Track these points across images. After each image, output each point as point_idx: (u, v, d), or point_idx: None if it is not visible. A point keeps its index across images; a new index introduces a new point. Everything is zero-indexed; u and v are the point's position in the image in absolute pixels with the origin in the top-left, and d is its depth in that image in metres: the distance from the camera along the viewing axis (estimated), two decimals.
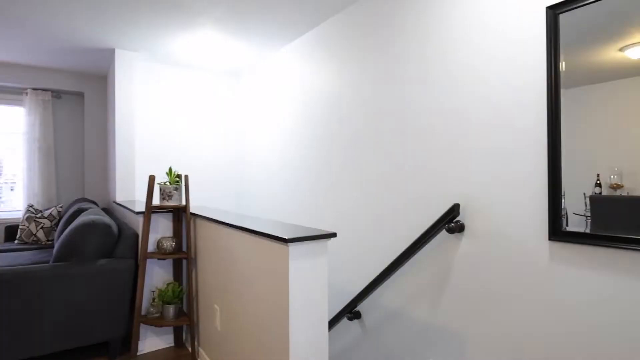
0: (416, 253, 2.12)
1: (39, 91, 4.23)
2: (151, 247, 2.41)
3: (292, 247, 1.30)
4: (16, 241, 3.77)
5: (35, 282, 2.08)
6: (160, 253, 2.33)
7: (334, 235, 1.39)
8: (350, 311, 2.60)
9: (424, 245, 2.08)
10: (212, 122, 4.34)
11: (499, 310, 1.73)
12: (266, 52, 3.63)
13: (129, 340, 2.49)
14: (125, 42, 3.36)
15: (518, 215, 1.66)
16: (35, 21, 2.90)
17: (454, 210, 1.91)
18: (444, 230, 1.99)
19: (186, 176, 2.36)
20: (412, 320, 2.18)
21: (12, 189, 4.36)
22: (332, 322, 2.67)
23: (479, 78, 1.83)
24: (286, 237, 1.28)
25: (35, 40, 3.30)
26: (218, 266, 2.01)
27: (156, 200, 3.01)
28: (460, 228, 1.93)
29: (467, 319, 1.87)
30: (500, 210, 1.74)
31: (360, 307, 2.58)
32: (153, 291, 2.43)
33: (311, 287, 1.36)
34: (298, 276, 1.32)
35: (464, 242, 1.92)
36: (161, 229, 2.44)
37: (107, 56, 3.74)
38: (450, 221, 1.93)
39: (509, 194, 1.70)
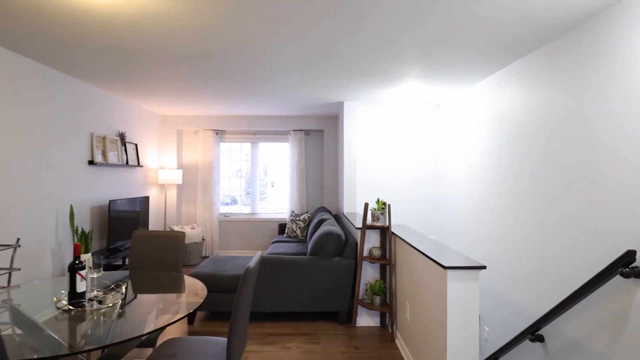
0: (590, 292, 2.25)
1: (297, 131, 6.12)
2: (365, 252, 3.41)
3: (449, 272, 1.93)
4: (285, 235, 5.68)
5: (299, 267, 3.42)
6: (371, 258, 3.30)
7: (483, 267, 1.91)
8: (533, 333, 2.84)
9: (598, 285, 2.19)
10: (412, 148, 5.11)
11: None
12: (460, 89, 4.12)
13: (350, 314, 3.59)
14: (350, 96, 4.59)
15: None
16: (296, 94, 4.46)
17: (628, 256, 1.99)
18: (618, 275, 2.07)
19: (389, 205, 3.23)
20: (592, 357, 2.30)
21: (272, 186, 6.46)
22: (515, 341, 2.97)
23: None
24: (445, 265, 1.92)
25: (296, 102, 4.97)
26: (407, 273, 2.77)
27: (368, 219, 4.03)
28: (636, 274, 1.98)
29: None
30: None
31: (542, 332, 2.79)
32: (366, 284, 3.43)
33: (464, 304, 1.94)
34: (454, 294, 1.93)
35: None
36: (372, 240, 3.41)
37: (338, 105, 5.12)
38: (625, 266, 2.02)
39: None
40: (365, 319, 3.43)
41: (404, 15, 2.26)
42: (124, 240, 4.45)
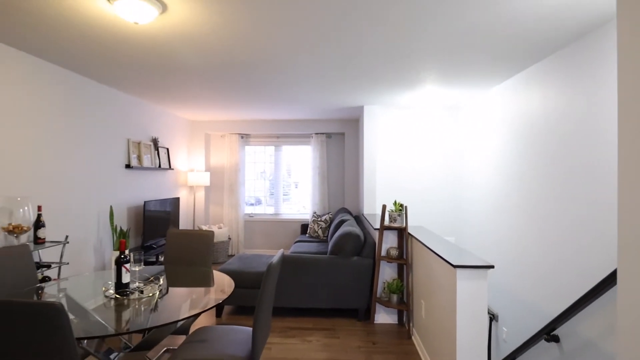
0: (603, 292, 2.29)
1: (319, 135, 6.31)
2: (383, 252, 3.54)
3: (459, 270, 2.04)
4: (307, 235, 5.87)
5: (320, 265, 3.59)
6: (389, 258, 3.43)
7: (491, 267, 2.01)
8: (548, 333, 2.89)
9: (610, 286, 2.24)
10: (432, 149, 5.18)
11: None
12: (478, 92, 4.18)
13: (369, 311, 3.72)
14: (369, 100, 4.73)
15: None
16: (318, 99, 4.64)
17: None
18: None
19: (406, 206, 3.35)
20: (607, 357, 2.35)
21: (296, 187, 6.66)
22: (531, 341, 3.02)
23: None
24: (454, 263, 2.04)
25: (318, 107, 5.15)
26: (422, 272, 2.89)
27: (386, 221, 4.15)
28: None
29: None
30: None
31: (557, 332, 2.83)
32: (384, 283, 3.56)
33: (473, 301, 2.05)
34: (463, 291, 2.04)
35: None
36: (390, 241, 3.54)
37: (359, 109, 5.27)
38: None
39: None
40: (383, 317, 3.56)
41: (421, 26, 2.39)
42: (157, 238, 4.76)
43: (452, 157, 5.17)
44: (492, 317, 3.96)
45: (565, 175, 2.76)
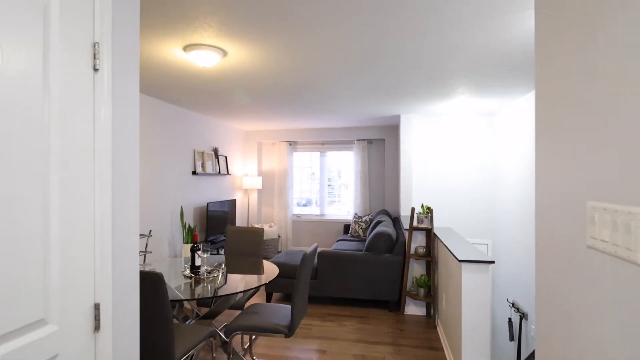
0: None
1: (361, 141, 6.75)
2: (412, 250, 3.91)
3: (463, 264, 2.41)
4: (348, 234, 6.34)
5: (356, 261, 4.05)
6: (417, 255, 3.80)
7: (492, 262, 2.36)
8: None
9: None
10: (467, 154, 5.40)
11: None
12: (510, 100, 4.39)
13: (399, 303, 4.11)
14: (406, 110, 5.09)
15: None
16: (359, 110, 5.10)
17: None
18: None
19: (432, 209, 3.70)
20: None
21: (346, 187, 7.14)
22: None
23: None
24: (459, 258, 2.41)
25: (359, 116, 5.62)
26: (443, 268, 3.24)
27: (414, 222, 4.50)
28: None
29: None
30: None
31: None
32: (413, 278, 3.93)
33: (477, 292, 2.40)
34: (467, 283, 2.41)
35: None
36: (418, 240, 3.91)
37: (396, 118, 5.65)
38: None
39: None
40: (412, 308, 3.93)
41: (454, 51, 2.78)
42: (217, 234, 5.51)
43: (487, 161, 5.36)
44: (522, 316, 4.15)
45: None
